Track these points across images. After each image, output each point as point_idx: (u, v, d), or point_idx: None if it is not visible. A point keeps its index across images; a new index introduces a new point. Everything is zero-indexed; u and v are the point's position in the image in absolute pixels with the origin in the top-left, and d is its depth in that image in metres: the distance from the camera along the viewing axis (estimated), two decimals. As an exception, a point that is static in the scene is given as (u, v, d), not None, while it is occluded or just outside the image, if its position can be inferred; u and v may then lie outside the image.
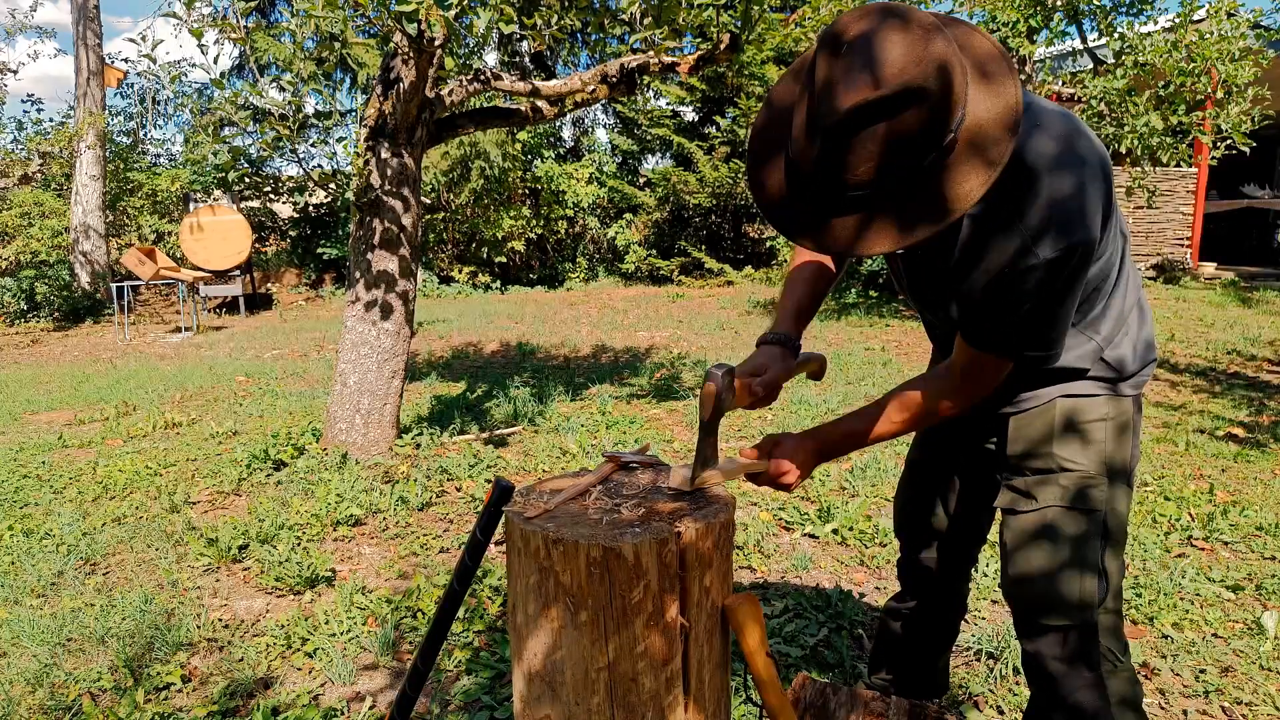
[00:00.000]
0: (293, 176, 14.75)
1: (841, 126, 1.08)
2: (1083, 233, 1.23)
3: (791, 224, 1.24)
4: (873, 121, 1.07)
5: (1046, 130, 1.27)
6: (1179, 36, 7.14)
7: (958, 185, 1.13)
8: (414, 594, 2.86)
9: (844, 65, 1.07)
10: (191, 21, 3.58)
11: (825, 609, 2.76)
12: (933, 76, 1.06)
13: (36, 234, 13.11)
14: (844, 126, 1.08)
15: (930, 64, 1.06)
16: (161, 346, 9.35)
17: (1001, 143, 1.12)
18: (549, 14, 4.10)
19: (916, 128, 1.08)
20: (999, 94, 1.14)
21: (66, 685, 2.38)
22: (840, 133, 1.09)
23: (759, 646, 1.27)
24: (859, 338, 8.21)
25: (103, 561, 3.24)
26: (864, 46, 1.07)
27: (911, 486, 1.88)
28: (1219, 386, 5.83)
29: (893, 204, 1.15)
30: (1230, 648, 2.52)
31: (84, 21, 12.56)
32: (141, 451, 4.70)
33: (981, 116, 1.13)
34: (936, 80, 1.07)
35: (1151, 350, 1.54)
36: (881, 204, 1.15)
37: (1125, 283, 1.48)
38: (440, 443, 4.62)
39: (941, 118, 1.10)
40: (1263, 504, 3.62)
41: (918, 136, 1.09)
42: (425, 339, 8.87)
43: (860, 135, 1.08)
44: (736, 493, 3.84)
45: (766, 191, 1.27)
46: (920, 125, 1.08)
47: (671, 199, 14.07)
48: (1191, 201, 12.07)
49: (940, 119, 1.10)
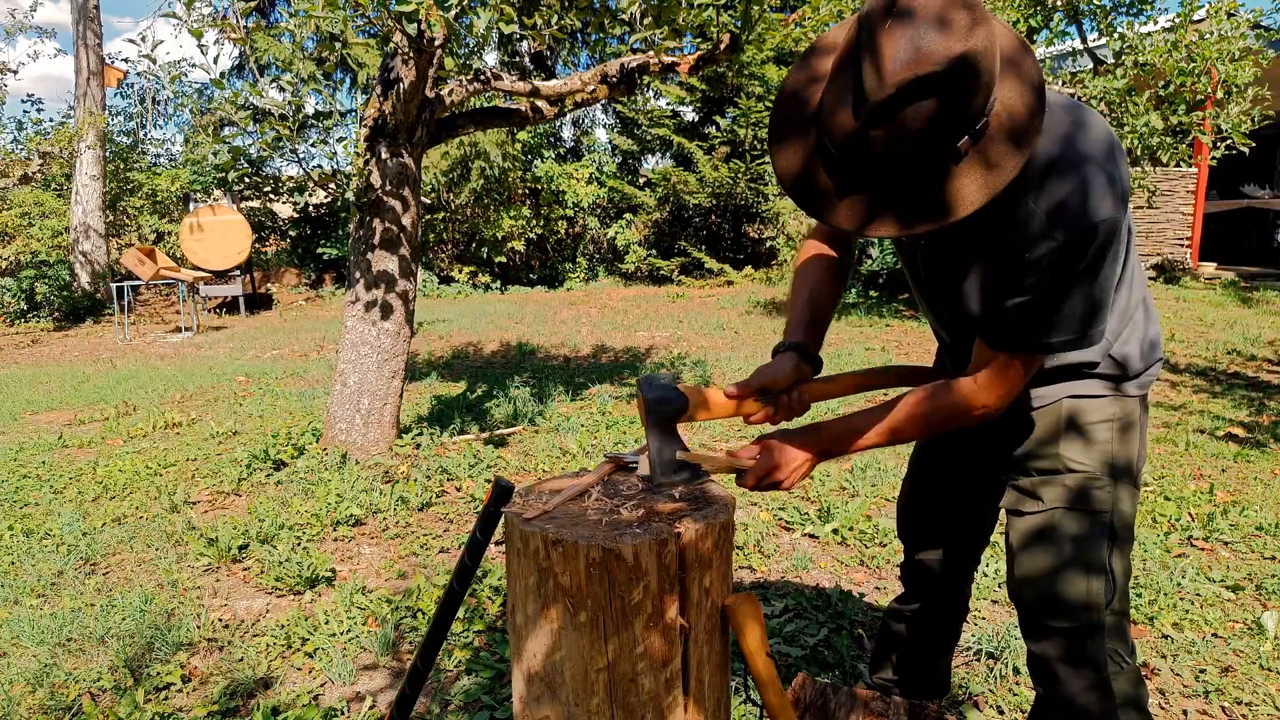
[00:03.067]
0: (293, 176, 14.75)
1: (889, 102, 1.05)
2: (1099, 214, 1.21)
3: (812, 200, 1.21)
4: (921, 98, 1.05)
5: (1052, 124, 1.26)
6: (1179, 36, 7.13)
7: (984, 172, 1.12)
8: (414, 594, 2.86)
9: (891, 41, 1.04)
10: (191, 21, 3.58)
11: (825, 609, 2.76)
12: (980, 54, 1.04)
13: (36, 234, 13.12)
14: (892, 102, 1.05)
15: (977, 41, 1.04)
16: (161, 346, 9.35)
17: (1031, 133, 1.12)
18: (549, 14, 4.10)
19: (957, 105, 1.07)
20: (1026, 81, 1.14)
21: (66, 685, 2.38)
22: (886, 109, 1.06)
23: (759, 646, 1.27)
24: (859, 338, 8.21)
25: (103, 561, 3.24)
26: (910, 20, 1.04)
27: (915, 487, 1.87)
28: (1219, 386, 5.83)
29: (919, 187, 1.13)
30: (1230, 648, 2.52)
31: (84, 21, 12.55)
32: (141, 451, 4.70)
33: (1011, 104, 1.13)
34: (984, 58, 1.05)
35: (1156, 350, 1.52)
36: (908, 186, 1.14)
37: (1131, 277, 1.46)
38: (440, 443, 4.62)
39: (982, 97, 1.08)
40: (1263, 504, 3.62)
41: (958, 116, 1.08)
42: (425, 339, 8.87)
43: (905, 111, 1.06)
44: (736, 493, 3.84)
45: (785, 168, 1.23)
46: (961, 103, 1.07)
47: (671, 199, 14.06)
48: (1191, 201, 12.07)
49: (979, 101, 1.08)
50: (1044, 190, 1.24)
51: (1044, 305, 1.27)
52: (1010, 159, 1.12)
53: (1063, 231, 1.22)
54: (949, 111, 1.07)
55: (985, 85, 1.08)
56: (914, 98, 1.05)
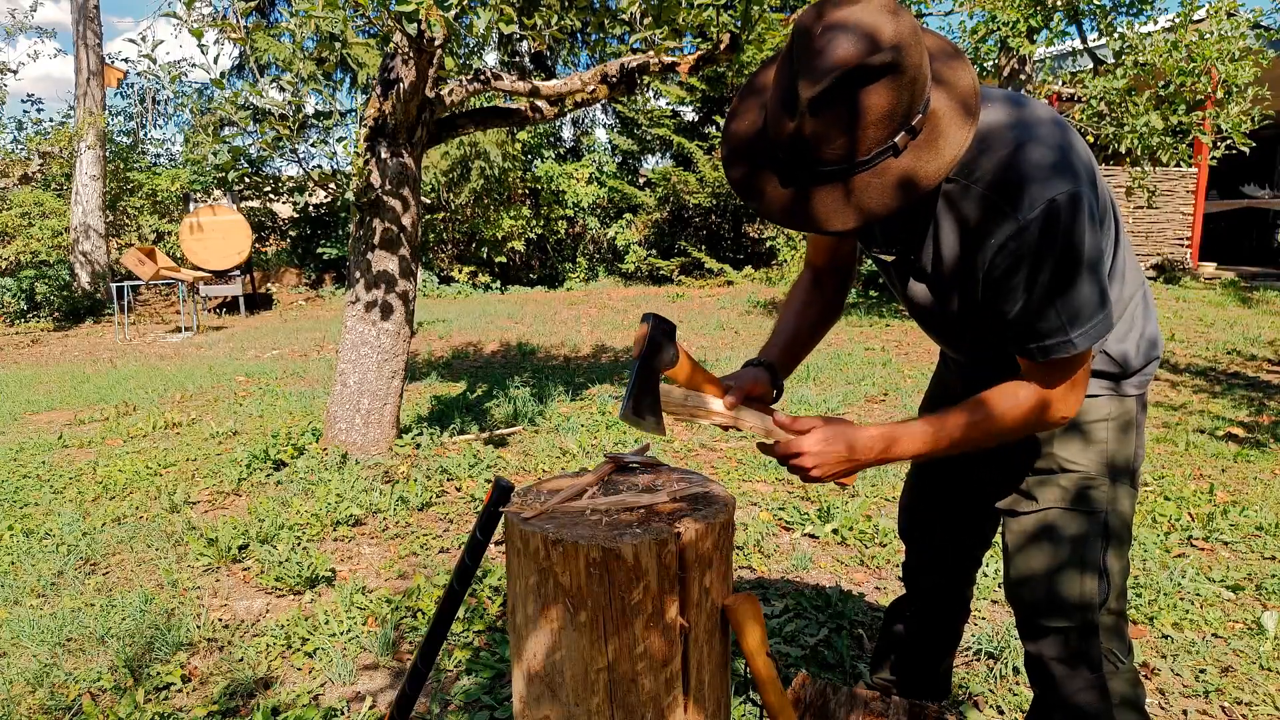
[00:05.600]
0: (293, 176, 14.76)
1: (819, 97, 1.09)
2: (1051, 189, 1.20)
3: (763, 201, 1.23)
4: (851, 91, 1.08)
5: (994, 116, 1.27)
6: (1179, 36, 7.14)
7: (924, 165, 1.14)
8: (414, 594, 2.86)
9: (822, 38, 1.09)
10: (191, 21, 3.58)
11: (825, 609, 2.76)
12: (908, 49, 1.08)
13: (36, 234, 13.13)
14: (822, 97, 1.08)
15: (904, 38, 1.08)
16: (161, 346, 9.35)
17: (964, 127, 1.15)
18: (549, 14, 4.10)
19: (891, 101, 1.10)
20: (959, 78, 1.18)
21: (66, 685, 2.38)
22: (818, 103, 1.09)
23: (759, 646, 1.27)
24: (859, 338, 8.21)
25: (103, 561, 3.24)
26: (840, 24, 1.09)
27: (917, 488, 1.87)
28: (1219, 386, 5.83)
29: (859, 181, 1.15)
30: (1230, 648, 2.52)
31: (84, 21, 12.56)
32: (141, 451, 4.70)
33: (944, 102, 1.16)
34: (913, 54, 1.09)
35: (1155, 348, 1.51)
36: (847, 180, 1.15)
37: (1123, 270, 1.44)
38: (440, 443, 4.62)
39: (916, 93, 1.12)
40: (1263, 504, 3.62)
41: (892, 110, 1.10)
42: (425, 339, 8.87)
43: (837, 107, 1.09)
44: (736, 492, 3.84)
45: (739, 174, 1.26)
46: (895, 98, 1.10)
47: (671, 199, 14.08)
48: (1191, 201, 12.07)
49: (914, 94, 1.11)
50: (991, 180, 1.24)
51: (1047, 299, 1.25)
52: (949, 148, 1.14)
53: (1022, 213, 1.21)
54: (884, 104, 1.10)
55: (915, 77, 1.11)
56: (846, 91, 1.08)
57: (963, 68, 1.20)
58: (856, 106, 1.09)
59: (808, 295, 1.67)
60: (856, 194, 1.15)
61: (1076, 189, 1.21)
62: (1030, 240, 1.21)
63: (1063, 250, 1.21)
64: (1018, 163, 1.22)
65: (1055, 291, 1.24)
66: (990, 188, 1.24)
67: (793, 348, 1.62)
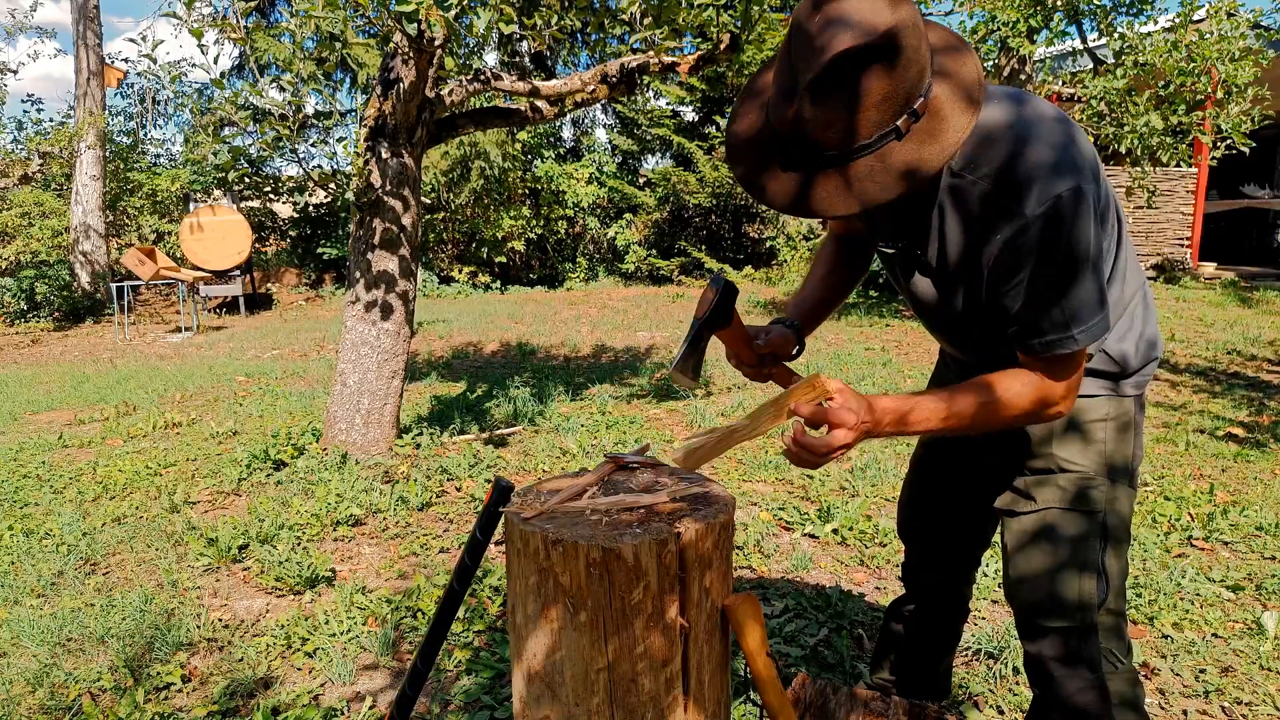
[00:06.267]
0: (293, 176, 14.76)
1: (819, 80, 1.09)
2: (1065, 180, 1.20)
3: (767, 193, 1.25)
4: (850, 74, 1.09)
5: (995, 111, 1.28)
6: (1179, 36, 7.14)
7: (925, 150, 1.15)
8: (414, 594, 2.86)
9: (819, 25, 1.10)
10: (191, 21, 3.58)
11: (825, 609, 2.76)
12: (906, 33, 1.09)
13: (36, 234, 13.12)
14: (821, 80, 1.09)
15: (902, 22, 1.09)
16: (161, 346, 9.35)
17: (966, 114, 1.15)
18: (549, 14, 4.10)
19: (890, 83, 1.10)
20: (962, 68, 1.19)
21: (66, 685, 2.38)
22: (818, 87, 1.10)
23: (759, 646, 1.27)
24: (859, 338, 8.21)
25: (103, 561, 3.24)
26: (838, 12, 1.10)
27: (916, 488, 1.87)
28: (1219, 386, 5.83)
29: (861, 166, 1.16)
30: (1230, 648, 2.52)
31: (84, 21, 12.56)
32: (141, 451, 4.70)
33: (946, 90, 1.17)
34: (910, 37, 1.10)
35: (1154, 348, 1.51)
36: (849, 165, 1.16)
37: (1124, 270, 1.44)
38: (440, 443, 4.62)
39: (915, 76, 1.12)
40: (1263, 504, 3.62)
41: (891, 93, 1.11)
42: (425, 339, 8.87)
43: (836, 91, 1.10)
44: (736, 493, 3.84)
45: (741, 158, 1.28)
46: (894, 81, 1.10)
47: (671, 199, 14.08)
48: (1191, 201, 12.07)
49: (913, 78, 1.12)
50: (996, 176, 1.25)
51: (1050, 296, 1.25)
52: (951, 134, 1.15)
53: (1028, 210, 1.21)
54: (884, 87, 1.10)
55: (914, 61, 1.11)
56: (845, 74, 1.09)
57: (967, 59, 1.20)
58: (855, 89, 1.09)
59: (832, 262, 1.76)
60: (858, 179, 1.16)
61: (1080, 184, 1.21)
62: (1035, 237, 1.22)
63: (1066, 248, 1.22)
64: (1022, 159, 1.23)
65: (1058, 289, 1.25)
66: (995, 184, 1.25)
67: (816, 309, 1.73)
